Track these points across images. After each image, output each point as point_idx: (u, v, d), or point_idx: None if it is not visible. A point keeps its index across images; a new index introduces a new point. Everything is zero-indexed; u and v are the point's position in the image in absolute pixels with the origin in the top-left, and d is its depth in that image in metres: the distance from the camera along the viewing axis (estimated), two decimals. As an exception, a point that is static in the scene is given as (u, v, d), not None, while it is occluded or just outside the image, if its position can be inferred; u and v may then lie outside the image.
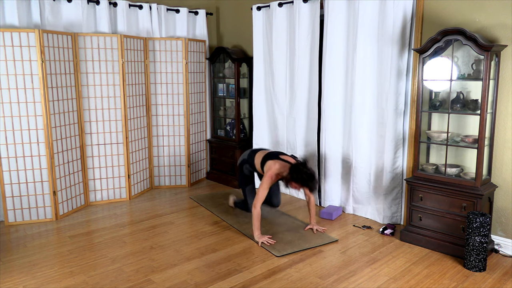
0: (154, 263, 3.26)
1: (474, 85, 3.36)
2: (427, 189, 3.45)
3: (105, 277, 3.03)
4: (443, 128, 3.60)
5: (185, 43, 5.10)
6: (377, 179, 4.06)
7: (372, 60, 3.97)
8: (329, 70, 4.29)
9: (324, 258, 3.33)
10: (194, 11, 5.50)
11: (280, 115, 4.92)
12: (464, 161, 3.53)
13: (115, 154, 4.72)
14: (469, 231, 3.06)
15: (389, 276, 3.04)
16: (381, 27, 3.85)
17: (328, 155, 4.45)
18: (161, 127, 5.22)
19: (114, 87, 4.59)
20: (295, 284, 2.93)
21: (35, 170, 4.08)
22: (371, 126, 4.06)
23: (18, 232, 3.90)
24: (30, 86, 3.96)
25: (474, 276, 3.03)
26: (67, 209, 4.34)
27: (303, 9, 4.46)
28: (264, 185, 3.62)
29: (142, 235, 3.81)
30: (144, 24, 5.07)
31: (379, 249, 3.49)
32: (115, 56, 4.54)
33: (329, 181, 4.49)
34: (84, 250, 3.49)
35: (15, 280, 2.99)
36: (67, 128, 4.30)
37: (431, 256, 3.36)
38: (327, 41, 4.26)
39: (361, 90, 4.06)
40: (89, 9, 4.63)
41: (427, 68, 3.43)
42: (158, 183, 5.34)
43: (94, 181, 4.66)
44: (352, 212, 4.35)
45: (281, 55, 4.80)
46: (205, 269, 3.15)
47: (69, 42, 4.28)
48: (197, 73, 5.39)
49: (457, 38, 3.18)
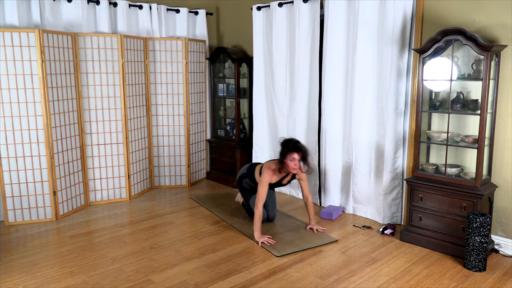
0: (154, 263, 3.26)
1: (474, 85, 3.36)
2: (427, 189, 3.45)
3: (105, 277, 3.03)
4: (443, 128, 3.60)
5: (185, 43, 5.10)
6: (377, 179, 4.07)
7: (372, 60, 3.97)
8: (329, 70, 4.30)
9: (324, 258, 3.33)
10: (194, 11, 5.50)
11: (280, 115, 4.92)
12: (464, 161, 3.53)
13: (115, 154, 4.72)
14: (469, 231, 3.06)
15: (389, 276, 3.04)
16: (381, 27, 3.85)
17: (328, 155, 4.44)
18: (161, 127, 5.22)
19: (114, 87, 4.59)
20: (295, 284, 2.93)
21: (35, 170, 4.08)
22: (371, 126, 4.06)
23: (18, 232, 3.90)
24: (30, 86, 3.96)
25: (474, 276, 3.03)
26: (67, 209, 4.35)
27: (303, 9, 4.46)
28: (264, 182, 3.65)
29: (142, 235, 3.81)
30: (144, 24, 5.07)
31: (379, 249, 3.49)
32: (115, 56, 4.54)
33: (329, 181, 4.49)
34: (84, 250, 3.49)
35: (15, 280, 2.99)
36: (67, 128, 4.30)
37: (431, 256, 3.36)
38: (327, 41, 4.26)
39: (361, 90, 4.06)
40: (89, 9, 4.63)
41: (427, 68, 3.43)
42: (158, 183, 5.34)
43: (94, 181, 4.66)
44: (352, 212, 4.35)
45: (281, 55, 4.80)
46: (205, 269, 3.15)
47: (69, 42, 4.28)
48: (197, 73, 5.39)
49: (457, 38, 3.18)
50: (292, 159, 3.54)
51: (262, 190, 3.63)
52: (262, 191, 3.63)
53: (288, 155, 3.54)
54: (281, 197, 4.93)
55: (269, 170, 3.67)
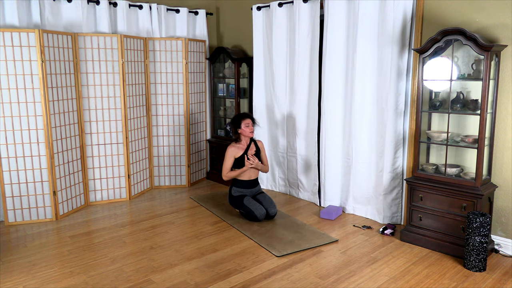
0: (154, 263, 3.26)
1: (474, 85, 3.36)
2: (427, 189, 3.45)
3: (105, 277, 3.03)
4: (443, 128, 3.60)
5: (185, 43, 5.10)
6: (377, 179, 4.06)
7: (372, 60, 3.97)
8: (329, 70, 4.29)
9: (324, 258, 3.33)
10: (194, 11, 5.50)
11: (280, 115, 4.92)
12: (464, 161, 3.53)
13: (115, 154, 4.72)
14: (469, 231, 3.06)
15: (389, 276, 3.04)
16: (381, 27, 3.84)
17: (328, 155, 4.44)
18: (161, 127, 5.22)
19: (114, 87, 4.59)
20: (295, 284, 2.93)
21: (35, 170, 4.08)
22: (371, 126, 4.06)
23: (18, 232, 3.90)
24: (30, 86, 3.96)
25: (474, 276, 3.03)
26: (67, 209, 4.35)
27: (303, 9, 4.46)
28: (227, 156, 4.19)
29: (142, 235, 3.81)
30: (144, 24, 5.07)
31: (379, 249, 3.49)
32: (115, 56, 4.54)
33: (329, 181, 4.49)
34: (84, 250, 3.49)
35: (15, 280, 2.99)
36: (67, 128, 4.30)
37: (431, 256, 3.36)
38: (327, 41, 4.26)
39: (361, 90, 4.06)
40: (89, 9, 4.63)
41: (427, 68, 3.43)
42: (158, 183, 5.34)
43: (94, 181, 4.66)
44: (352, 212, 4.35)
45: (281, 55, 4.80)
46: (205, 269, 3.15)
47: (69, 42, 4.28)
48: (197, 73, 5.39)
49: (457, 38, 3.18)
50: (247, 124, 4.17)
51: (226, 162, 4.18)
52: (226, 163, 4.18)
53: (242, 122, 4.17)
54: (281, 197, 4.93)
55: (230, 147, 4.22)
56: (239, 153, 4.18)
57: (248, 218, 4.12)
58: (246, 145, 4.23)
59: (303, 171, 4.78)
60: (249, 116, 4.25)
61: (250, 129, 4.18)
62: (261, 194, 4.27)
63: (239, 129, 4.19)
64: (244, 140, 4.24)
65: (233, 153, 4.18)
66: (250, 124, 4.19)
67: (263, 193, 4.30)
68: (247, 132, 4.17)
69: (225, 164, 4.18)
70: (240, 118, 4.22)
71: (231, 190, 4.28)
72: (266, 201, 4.16)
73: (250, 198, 4.13)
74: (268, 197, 4.22)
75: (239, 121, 4.19)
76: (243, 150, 4.20)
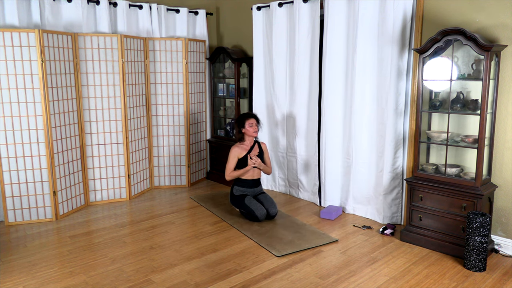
0: (154, 263, 3.26)
1: (474, 85, 3.36)
2: (427, 189, 3.45)
3: (105, 277, 3.03)
4: (443, 128, 3.60)
5: (185, 43, 5.10)
6: (377, 179, 4.06)
7: (372, 60, 3.97)
8: (329, 70, 4.29)
9: (324, 258, 3.33)
10: (194, 11, 5.50)
11: (280, 115, 4.92)
12: (464, 161, 3.53)
13: (115, 154, 4.72)
14: (469, 231, 3.06)
15: (389, 276, 3.04)
16: (381, 27, 3.84)
17: (328, 155, 4.44)
18: (161, 127, 5.22)
19: (114, 87, 4.59)
20: (295, 284, 2.93)
21: (35, 170, 4.08)
22: (371, 126, 4.06)
23: (18, 232, 3.90)
24: (30, 86, 3.96)
25: (474, 276, 3.03)
26: (67, 209, 4.35)
27: (303, 9, 4.46)
28: (230, 157, 4.18)
29: (142, 235, 3.81)
30: (144, 24, 5.07)
31: (379, 249, 3.49)
32: (115, 56, 4.54)
33: (329, 181, 4.49)
34: (84, 250, 3.49)
35: (15, 280, 2.99)
36: (67, 128, 4.30)
37: (431, 256, 3.36)
38: (327, 41, 4.26)
39: (361, 90, 4.06)
40: (89, 9, 4.63)
41: (427, 68, 3.42)
42: (158, 183, 5.34)
43: (94, 181, 4.66)
44: (352, 212, 4.35)
45: (281, 55, 4.80)
46: (205, 269, 3.15)
47: (69, 42, 4.28)
48: (197, 73, 5.39)
49: (457, 38, 3.18)
50: (251, 124, 4.17)
51: (229, 162, 4.17)
52: (230, 163, 4.17)
53: (246, 122, 4.17)
54: (281, 197, 4.94)
55: (234, 147, 4.21)
56: (243, 154, 4.19)
57: (248, 218, 4.12)
58: (249, 146, 4.24)
59: (303, 171, 4.78)
60: (253, 116, 4.25)
61: (254, 129, 4.18)
62: (262, 194, 4.27)
63: (243, 128, 4.19)
64: (248, 141, 4.24)
65: (236, 153, 4.18)
66: (254, 124, 4.19)
67: (264, 193, 4.30)
68: (250, 132, 4.18)
69: (229, 164, 4.19)
70: (244, 118, 4.21)
71: (233, 189, 4.28)
72: (267, 201, 4.16)
73: (251, 198, 4.14)
74: (269, 197, 4.22)
75: (243, 121, 4.20)
76: (247, 150, 4.21)
